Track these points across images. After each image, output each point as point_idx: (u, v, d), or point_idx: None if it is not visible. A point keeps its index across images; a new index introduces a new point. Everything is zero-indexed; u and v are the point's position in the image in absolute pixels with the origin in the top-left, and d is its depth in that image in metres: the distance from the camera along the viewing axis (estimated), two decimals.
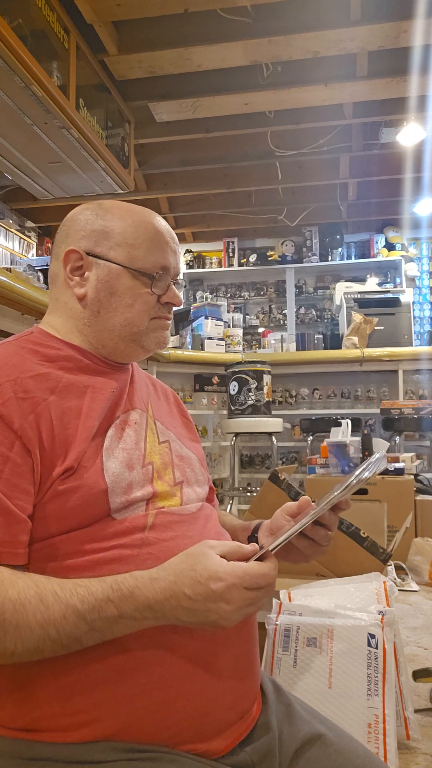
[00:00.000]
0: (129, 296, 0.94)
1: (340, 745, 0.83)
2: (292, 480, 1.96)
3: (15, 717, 0.76)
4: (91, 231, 0.95)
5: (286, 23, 3.42)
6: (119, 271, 0.94)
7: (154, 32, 3.52)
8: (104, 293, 0.94)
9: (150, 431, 0.94)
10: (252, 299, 6.93)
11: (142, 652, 0.76)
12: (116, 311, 0.94)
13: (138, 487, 0.85)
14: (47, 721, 0.75)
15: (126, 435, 0.89)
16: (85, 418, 0.85)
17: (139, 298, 0.94)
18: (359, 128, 4.70)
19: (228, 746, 0.79)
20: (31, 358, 0.88)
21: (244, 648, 0.84)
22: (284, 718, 0.86)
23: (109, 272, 0.94)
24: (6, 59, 2.80)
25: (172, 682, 0.76)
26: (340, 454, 2.86)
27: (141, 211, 0.98)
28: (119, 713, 0.74)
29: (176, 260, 0.98)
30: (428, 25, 3.32)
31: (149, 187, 5.54)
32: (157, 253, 0.95)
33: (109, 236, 0.94)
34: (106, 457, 0.84)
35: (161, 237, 0.96)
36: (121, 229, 0.95)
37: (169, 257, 0.96)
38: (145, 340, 0.96)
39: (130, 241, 0.94)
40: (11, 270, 2.39)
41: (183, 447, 0.99)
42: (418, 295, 6.52)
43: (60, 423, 0.82)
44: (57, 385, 0.86)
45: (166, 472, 0.91)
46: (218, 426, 4.57)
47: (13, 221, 5.84)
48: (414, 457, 3.21)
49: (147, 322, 0.95)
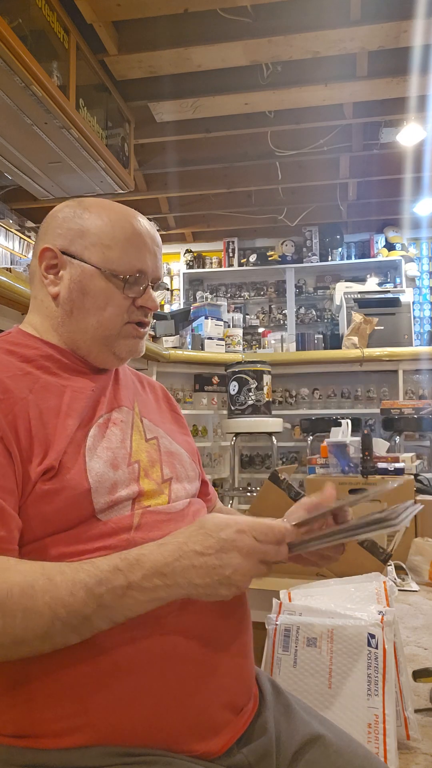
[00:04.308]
0: (102, 298, 0.91)
1: (340, 745, 0.82)
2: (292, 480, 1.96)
3: (6, 722, 0.75)
4: (67, 229, 0.93)
5: (286, 23, 3.42)
6: (92, 272, 0.92)
7: (154, 32, 3.52)
8: (77, 293, 0.92)
9: (136, 429, 0.93)
10: (252, 299, 6.93)
11: (133, 654, 0.75)
12: (88, 312, 0.92)
13: (123, 486, 0.84)
14: (39, 726, 0.73)
15: (110, 434, 0.88)
16: (65, 417, 0.84)
17: (112, 301, 0.92)
18: (359, 128, 4.70)
19: (224, 746, 0.77)
20: (8, 359, 0.87)
21: (236, 644, 0.83)
22: (283, 719, 0.85)
23: (83, 272, 0.92)
24: (6, 59, 2.80)
25: (163, 683, 0.75)
26: (340, 454, 2.86)
27: (121, 210, 0.94)
28: (111, 717, 0.73)
29: (155, 263, 0.95)
30: (428, 25, 3.33)
31: (149, 187, 5.54)
32: (133, 255, 0.92)
33: (85, 235, 0.92)
34: (89, 457, 0.82)
35: (138, 238, 0.93)
36: (97, 228, 0.92)
37: (146, 259, 0.93)
38: (116, 346, 0.94)
39: (105, 241, 0.92)
40: (11, 270, 2.39)
41: (172, 443, 0.98)
42: (418, 295, 6.52)
43: (39, 422, 0.81)
44: (34, 385, 0.85)
45: (154, 470, 0.90)
46: (218, 426, 4.57)
47: (13, 221, 5.84)
48: (414, 457, 3.21)
49: (120, 326, 0.93)
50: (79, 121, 3.46)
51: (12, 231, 5.77)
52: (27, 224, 6.09)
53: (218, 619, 0.81)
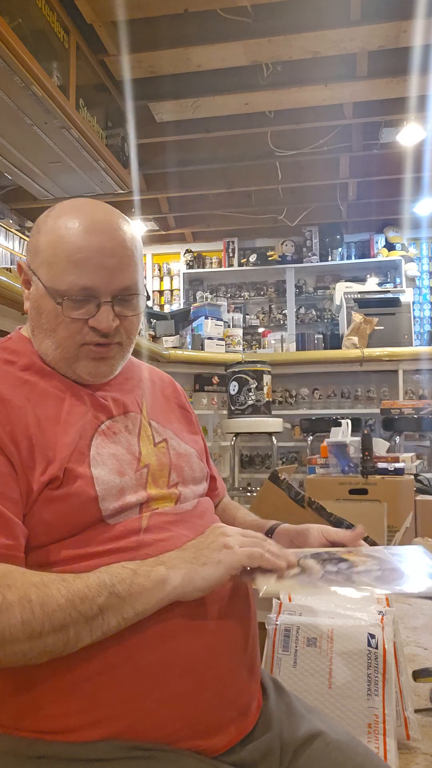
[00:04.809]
0: (52, 319, 0.85)
1: (341, 742, 0.83)
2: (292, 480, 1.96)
3: (16, 719, 0.76)
4: (32, 245, 0.89)
5: (286, 23, 3.42)
6: (44, 291, 0.85)
7: (154, 32, 3.52)
8: (35, 313, 0.88)
9: (144, 433, 0.92)
10: (252, 299, 6.93)
11: (141, 652, 0.76)
12: (45, 333, 0.87)
13: (131, 492, 0.84)
14: (49, 723, 0.74)
15: (115, 440, 0.87)
16: (64, 425, 0.83)
17: (62, 323, 0.85)
18: (359, 128, 4.70)
19: (229, 743, 0.79)
20: (6, 367, 0.86)
21: (244, 644, 0.84)
22: (285, 716, 0.86)
23: (37, 291, 0.87)
24: (6, 59, 2.80)
25: (171, 680, 0.76)
26: (340, 454, 2.86)
27: (70, 222, 0.85)
28: (120, 714, 0.74)
29: (108, 277, 0.84)
30: (428, 25, 3.33)
31: (149, 187, 5.54)
32: (75, 272, 0.83)
33: (38, 252, 0.87)
34: (94, 465, 0.82)
35: (81, 253, 0.83)
36: (44, 244, 0.86)
37: (91, 275, 0.83)
38: (77, 368, 0.88)
39: (50, 258, 0.85)
40: (11, 270, 2.39)
41: (181, 443, 0.97)
42: (418, 295, 6.52)
43: (38, 430, 0.80)
44: (32, 393, 0.84)
45: (162, 474, 0.90)
46: (218, 426, 4.57)
47: (13, 221, 5.84)
48: (414, 457, 3.21)
49: (75, 349, 0.86)
50: (79, 121, 3.46)
51: (12, 231, 5.77)
52: (27, 224, 6.09)
53: (226, 618, 0.82)
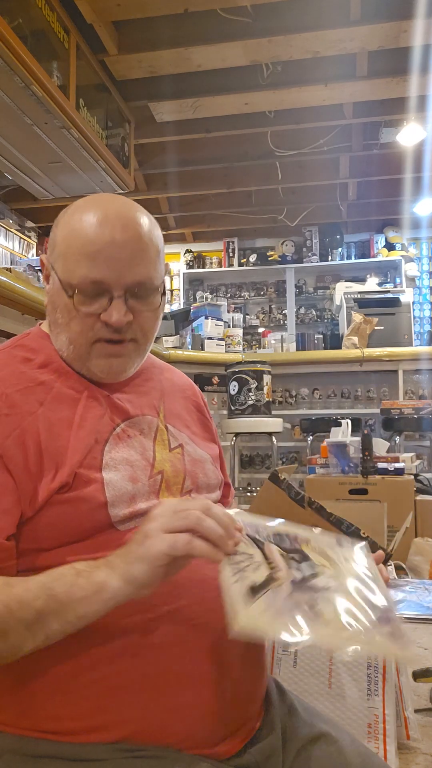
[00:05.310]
0: (65, 314, 0.84)
1: (342, 743, 0.83)
2: (292, 480, 1.96)
3: (19, 719, 0.76)
4: (51, 239, 0.88)
5: (286, 23, 3.42)
6: (59, 285, 0.84)
7: (154, 32, 3.52)
8: (51, 308, 0.88)
9: (160, 438, 0.90)
10: (252, 299, 6.93)
11: (148, 657, 0.75)
12: (60, 328, 0.86)
13: (142, 499, 0.82)
14: (52, 724, 0.74)
15: (130, 444, 0.85)
16: (77, 428, 0.81)
17: (75, 317, 0.84)
18: (359, 128, 4.70)
19: (234, 748, 0.79)
20: (22, 367, 0.85)
21: (251, 650, 0.84)
22: (287, 718, 0.86)
23: (54, 285, 0.86)
24: (6, 59, 2.80)
25: (179, 688, 0.75)
26: (340, 454, 2.86)
27: (85, 215, 0.84)
28: (125, 720, 0.74)
29: (120, 270, 0.82)
30: (428, 25, 3.32)
31: (149, 187, 5.54)
32: (87, 265, 0.81)
33: (55, 246, 0.86)
34: (106, 470, 0.80)
35: (93, 245, 0.81)
36: (60, 238, 0.85)
37: (102, 268, 0.81)
38: (91, 366, 0.86)
39: (64, 251, 0.84)
40: (11, 270, 2.39)
41: (197, 449, 0.95)
42: (418, 295, 6.52)
43: (49, 435, 0.79)
44: (47, 396, 0.82)
45: (176, 481, 0.88)
46: (218, 426, 4.55)
47: (13, 221, 5.84)
48: (414, 457, 3.21)
49: (88, 345, 0.85)
50: (79, 121, 3.46)
51: (12, 231, 5.77)
52: (27, 224, 6.09)
53: None
